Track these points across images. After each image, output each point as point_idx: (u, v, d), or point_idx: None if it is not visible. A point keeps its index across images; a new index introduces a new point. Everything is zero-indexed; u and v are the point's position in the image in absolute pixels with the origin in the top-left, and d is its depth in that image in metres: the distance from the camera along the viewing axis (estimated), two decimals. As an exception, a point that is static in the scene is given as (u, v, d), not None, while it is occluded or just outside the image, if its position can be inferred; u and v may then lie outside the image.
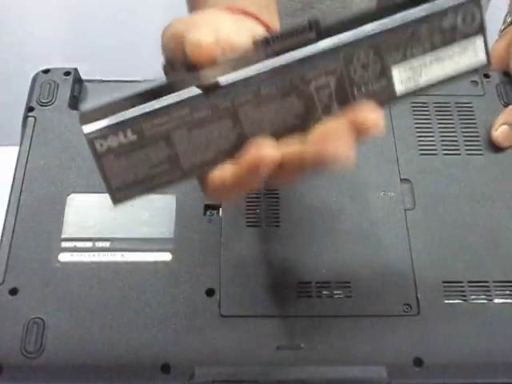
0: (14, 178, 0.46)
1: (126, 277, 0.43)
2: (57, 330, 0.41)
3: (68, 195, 0.46)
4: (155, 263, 0.43)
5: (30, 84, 0.51)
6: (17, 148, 0.47)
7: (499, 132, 0.48)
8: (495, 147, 0.48)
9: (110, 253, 0.44)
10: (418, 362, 0.40)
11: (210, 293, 0.42)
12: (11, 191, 0.46)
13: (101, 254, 0.44)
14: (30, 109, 0.49)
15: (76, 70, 0.52)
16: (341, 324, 0.42)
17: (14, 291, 0.42)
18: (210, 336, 0.41)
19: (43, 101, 0.50)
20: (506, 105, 0.50)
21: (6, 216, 0.45)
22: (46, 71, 0.52)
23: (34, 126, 0.49)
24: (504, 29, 0.55)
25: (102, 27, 1.14)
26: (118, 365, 0.40)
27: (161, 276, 0.43)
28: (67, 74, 0.51)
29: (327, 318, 0.42)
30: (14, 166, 0.46)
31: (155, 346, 0.41)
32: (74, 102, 0.50)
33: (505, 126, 0.48)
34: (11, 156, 0.47)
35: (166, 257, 0.43)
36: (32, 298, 0.42)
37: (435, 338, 0.41)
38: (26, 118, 0.49)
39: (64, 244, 0.44)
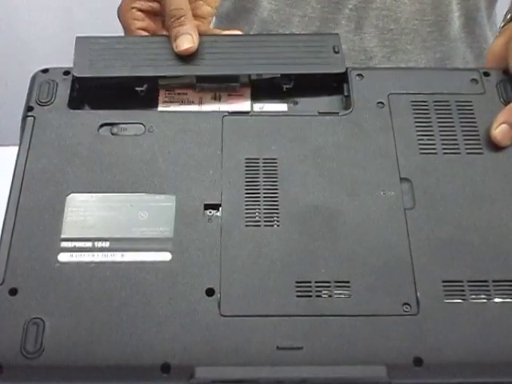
0: (13, 178, 0.46)
1: (125, 276, 0.43)
2: (56, 330, 0.41)
3: (67, 195, 0.46)
4: (155, 263, 0.43)
5: (29, 83, 0.51)
6: (17, 148, 0.47)
7: (499, 131, 0.48)
8: (495, 146, 0.48)
9: (109, 253, 0.44)
10: (418, 361, 0.40)
11: (209, 292, 0.42)
12: (10, 191, 0.46)
13: (100, 253, 0.44)
14: (29, 108, 0.49)
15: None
16: (340, 323, 0.41)
17: (13, 291, 0.42)
18: (209, 335, 0.41)
19: (42, 100, 0.50)
20: (506, 103, 0.50)
21: (6, 216, 0.45)
22: (45, 71, 0.52)
23: (33, 125, 0.48)
24: (504, 26, 0.55)
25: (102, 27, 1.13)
26: (117, 364, 0.40)
27: (160, 275, 0.43)
28: (66, 73, 0.51)
29: (327, 318, 0.42)
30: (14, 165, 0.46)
31: (155, 345, 0.41)
32: (74, 102, 0.50)
33: (504, 125, 0.48)
34: (11, 156, 0.47)
35: (166, 256, 0.43)
36: (31, 298, 0.42)
37: (435, 338, 0.41)
38: (25, 117, 0.49)
39: (63, 244, 0.44)
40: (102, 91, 0.51)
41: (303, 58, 0.52)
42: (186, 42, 0.51)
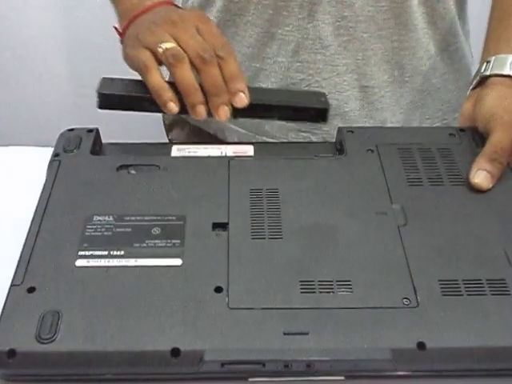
0: (37, 204, 0.50)
1: (138, 277, 0.45)
2: (71, 319, 0.42)
3: (87, 216, 0.49)
4: (166, 267, 0.46)
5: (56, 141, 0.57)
6: (17, 148, 0.50)
7: (478, 179, 0.53)
8: None
9: (124, 259, 0.47)
10: (422, 345, 0.42)
11: (218, 290, 0.44)
12: (34, 214, 0.49)
13: (115, 260, 0.46)
14: (55, 155, 0.55)
15: (97, 129, 0.58)
16: (344, 315, 0.43)
17: (31, 289, 0.44)
18: (218, 324, 0.42)
19: (68, 149, 0.56)
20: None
21: (30, 227, 0.48)
22: (71, 130, 0.58)
23: (58, 167, 0.54)
24: (473, 89, 0.62)
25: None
26: (128, 350, 0.41)
27: (171, 276, 0.45)
28: (90, 131, 0.58)
29: (331, 310, 0.44)
30: (19, 166, 0.49)
31: (165, 331, 0.42)
32: (96, 151, 0.56)
33: (480, 171, 0.53)
34: (11, 156, 0.49)
35: (177, 262, 0.46)
36: (48, 294, 0.44)
37: (436, 325, 0.43)
38: (51, 162, 0.55)
39: (81, 252, 0.47)
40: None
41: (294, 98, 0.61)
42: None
